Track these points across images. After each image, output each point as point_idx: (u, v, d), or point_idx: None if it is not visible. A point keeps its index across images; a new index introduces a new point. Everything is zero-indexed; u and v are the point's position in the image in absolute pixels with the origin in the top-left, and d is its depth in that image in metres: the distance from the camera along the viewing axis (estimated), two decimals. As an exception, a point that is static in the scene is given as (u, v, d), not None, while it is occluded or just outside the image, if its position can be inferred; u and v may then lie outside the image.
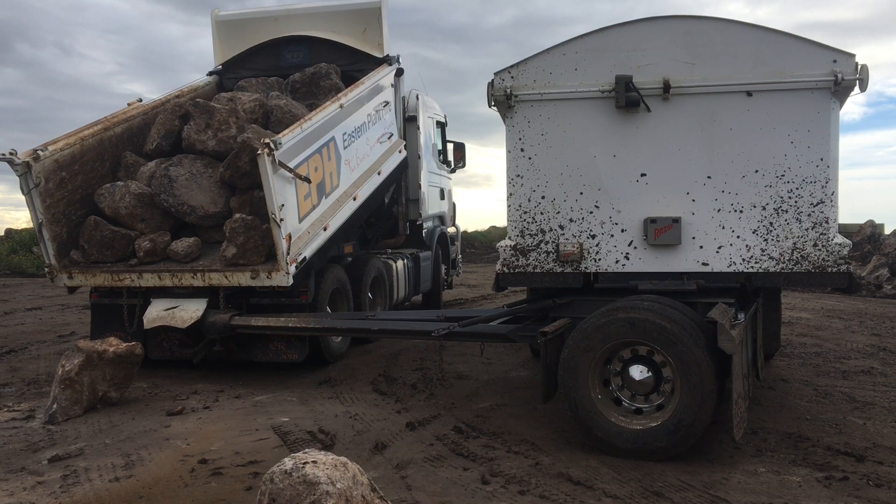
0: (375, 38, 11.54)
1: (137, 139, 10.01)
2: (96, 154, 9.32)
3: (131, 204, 8.75)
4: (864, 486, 5.24)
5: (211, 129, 9.20)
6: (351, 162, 9.84)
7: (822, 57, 6.23)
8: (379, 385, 8.44)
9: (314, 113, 8.88)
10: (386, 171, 11.04)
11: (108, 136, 9.58)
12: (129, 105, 10.32)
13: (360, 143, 10.16)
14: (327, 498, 3.59)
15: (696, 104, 6.47)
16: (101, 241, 8.66)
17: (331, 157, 9.22)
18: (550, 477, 5.44)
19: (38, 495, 5.15)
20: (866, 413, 7.16)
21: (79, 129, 9.24)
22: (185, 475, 5.53)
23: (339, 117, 9.37)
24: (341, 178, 9.56)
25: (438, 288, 14.66)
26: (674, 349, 5.68)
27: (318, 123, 8.77)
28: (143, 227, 8.83)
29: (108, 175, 9.46)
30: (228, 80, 11.86)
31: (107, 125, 9.60)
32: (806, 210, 6.30)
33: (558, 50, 6.70)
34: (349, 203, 9.70)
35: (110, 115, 9.86)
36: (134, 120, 10.06)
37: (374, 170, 10.63)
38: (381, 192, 11.20)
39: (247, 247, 8.20)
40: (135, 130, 10.03)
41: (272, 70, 11.73)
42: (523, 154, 6.79)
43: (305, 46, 11.82)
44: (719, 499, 5.00)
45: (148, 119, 10.20)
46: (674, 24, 6.52)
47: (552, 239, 6.76)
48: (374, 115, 10.69)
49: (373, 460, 5.81)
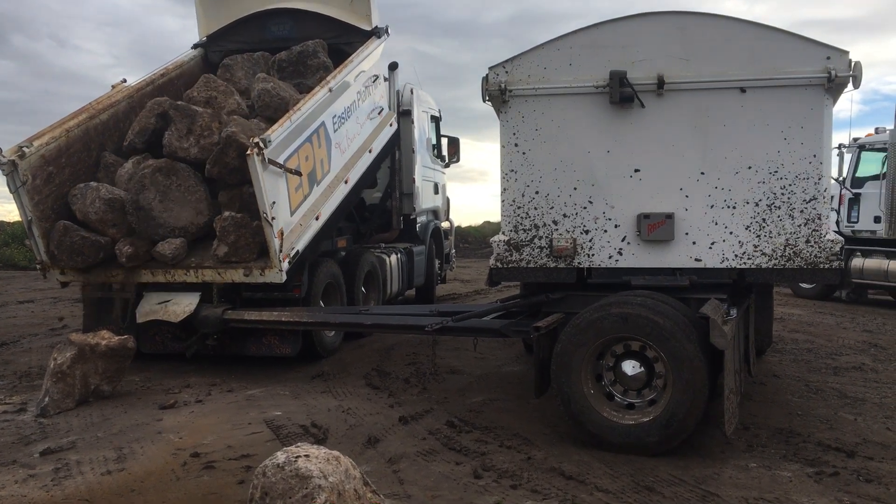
0: (363, 10, 11.19)
1: (124, 125, 9.75)
2: (83, 145, 9.12)
3: (101, 209, 8.48)
4: (854, 481, 5.27)
5: (193, 135, 8.81)
6: (342, 144, 9.65)
7: (815, 53, 6.23)
8: (372, 379, 8.43)
9: (302, 102, 8.66)
10: (377, 147, 10.83)
11: (94, 124, 9.35)
12: (114, 87, 10.07)
13: (351, 124, 9.94)
14: (320, 492, 3.59)
15: (689, 100, 6.47)
16: (71, 246, 8.38)
17: (321, 143, 9.05)
18: (543, 471, 5.45)
19: (30, 488, 5.14)
20: (857, 409, 7.19)
21: (63, 120, 8.99)
22: (178, 468, 5.52)
23: (328, 101, 9.15)
24: (332, 163, 9.40)
25: (432, 282, 14.66)
26: (666, 345, 5.69)
27: (306, 113, 8.58)
28: (115, 232, 8.56)
29: (95, 165, 9.27)
30: (213, 53, 11.51)
31: (92, 113, 9.35)
32: (798, 206, 6.32)
33: (553, 45, 6.69)
34: (341, 187, 9.54)
35: (95, 101, 9.60)
36: (119, 105, 9.79)
37: (366, 148, 10.43)
38: (373, 169, 10.99)
39: (238, 244, 8.12)
40: (121, 116, 9.78)
41: (258, 43, 11.39)
42: (517, 149, 6.78)
43: (291, 19, 11.49)
44: (710, 493, 5.02)
45: (133, 103, 9.94)
46: (668, 20, 6.52)
47: (546, 234, 6.76)
48: (363, 91, 10.43)
49: (365, 454, 5.81)
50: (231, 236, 8.11)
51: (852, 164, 15.22)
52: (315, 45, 10.70)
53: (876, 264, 14.55)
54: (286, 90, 9.77)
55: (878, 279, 14.61)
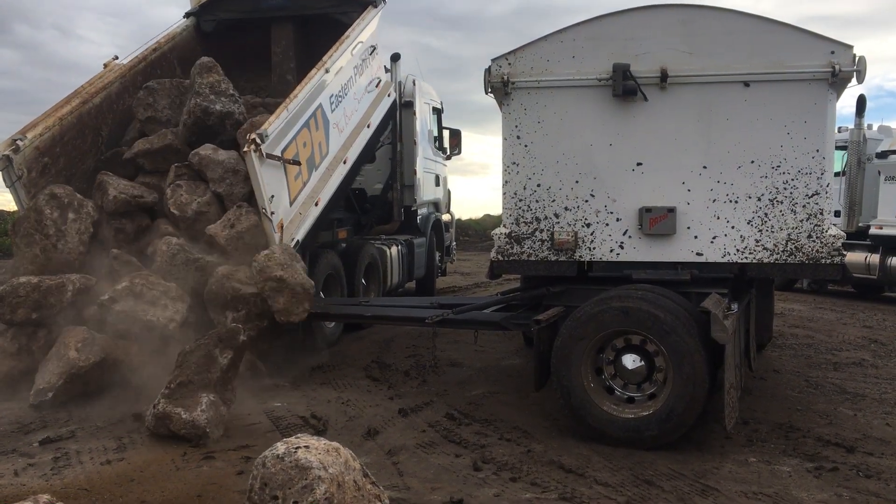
0: None
1: (117, 105, 9.53)
2: (77, 131, 8.89)
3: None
4: (853, 476, 5.27)
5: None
6: (339, 123, 9.44)
7: (819, 48, 6.20)
8: (372, 371, 8.43)
9: (299, 88, 8.42)
10: (375, 121, 10.64)
11: (88, 109, 9.10)
12: (106, 66, 9.80)
13: (349, 101, 9.71)
14: (319, 483, 3.58)
15: (693, 94, 6.44)
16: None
17: (318, 126, 8.85)
18: (542, 464, 5.45)
19: (29, 477, 5.14)
20: (857, 404, 7.19)
21: (56, 107, 8.71)
22: (177, 459, 5.52)
23: (324, 83, 8.94)
24: (330, 145, 9.23)
25: (432, 275, 14.64)
26: (667, 339, 5.69)
27: (303, 99, 8.39)
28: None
29: (91, 150, 9.07)
30: (206, 22, 11.19)
31: (84, 98, 9.08)
32: (801, 201, 6.30)
33: (556, 37, 6.66)
34: (339, 168, 9.38)
35: (87, 82, 9.34)
36: (112, 87, 9.52)
37: (364, 123, 10.23)
38: (372, 144, 10.80)
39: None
40: (114, 97, 9.53)
41: (252, 11, 11.09)
42: (519, 141, 6.76)
43: None
44: (710, 488, 5.02)
45: (126, 82, 9.70)
46: (672, 13, 6.49)
47: (547, 227, 6.74)
48: (360, 65, 10.13)
49: (365, 446, 5.81)
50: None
51: None
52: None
53: None
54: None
55: None
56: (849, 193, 13.75)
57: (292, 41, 11.06)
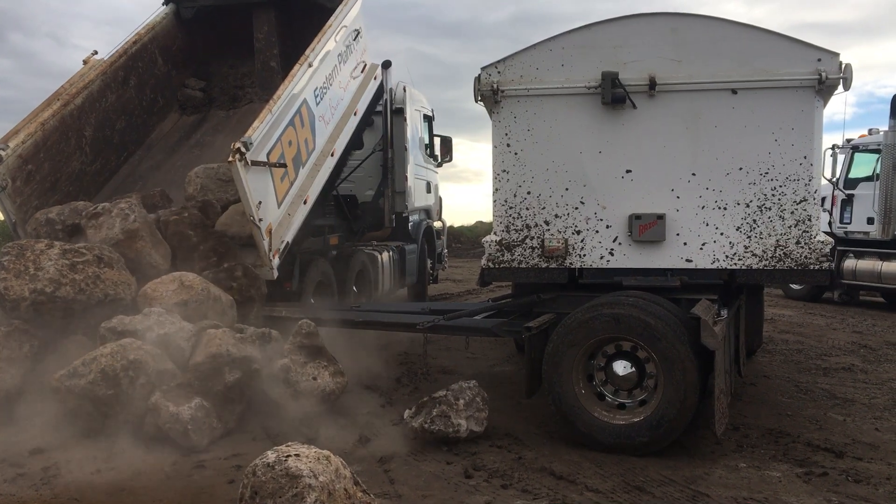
0: None
1: (100, 104, 9.36)
2: (60, 134, 8.70)
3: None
4: (843, 481, 5.30)
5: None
6: (325, 115, 9.19)
7: (806, 55, 6.27)
8: (363, 378, 8.41)
9: (281, 89, 8.12)
10: (362, 107, 10.39)
11: (70, 110, 8.88)
12: (85, 62, 9.58)
13: (334, 90, 9.43)
14: (310, 491, 3.59)
15: (681, 101, 6.49)
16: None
17: (304, 122, 8.59)
18: (533, 471, 5.46)
19: (19, 487, 5.11)
20: (846, 410, 7.23)
21: (36, 112, 8.45)
22: (168, 467, 5.50)
23: (308, 77, 8.63)
24: (317, 139, 8.99)
25: (424, 281, 14.63)
26: (657, 345, 5.71)
27: (287, 98, 8.13)
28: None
29: (75, 153, 8.93)
30: (186, 9, 10.85)
31: (65, 100, 8.84)
32: (789, 208, 6.35)
33: (545, 45, 6.70)
34: (327, 162, 9.16)
35: (67, 82, 9.08)
36: (93, 85, 9.27)
37: (351, 111, 9.96)
38: (360, 131, 10.58)
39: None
40: (95, 95, 9.32)
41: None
42: (509, 149, 6.79)
43: None
44: (700, 493, 5.04)
45: (108, 79, 9.50)
46: (660, 21, 6.54)
47: (537, 234, 6.77)
48: (344, 52, 9.81)
49: (356, 454, 5.81)
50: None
51: (845, 165, 15.26)
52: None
53: (869, 265, 14.60)
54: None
55: (871, 280, 14.67)
56: (883, 199, 13.68)
57: (275, 26, 10.80)
